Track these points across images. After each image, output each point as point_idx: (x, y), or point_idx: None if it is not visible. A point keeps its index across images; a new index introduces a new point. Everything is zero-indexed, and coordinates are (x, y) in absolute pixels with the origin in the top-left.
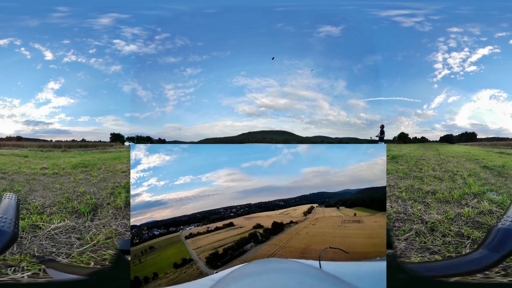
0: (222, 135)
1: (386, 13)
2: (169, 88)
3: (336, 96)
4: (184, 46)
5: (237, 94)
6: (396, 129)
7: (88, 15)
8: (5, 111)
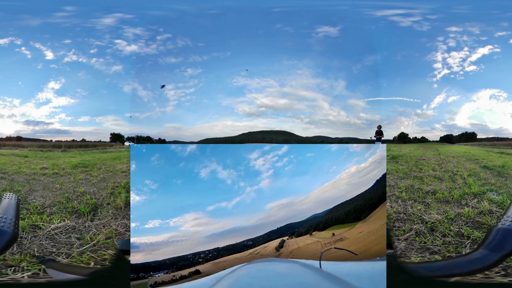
0: (222, 135)
1: (382, 13)
2: (169, 88)
3: (336, 96)
4: (185, 46)
5: (237, 94)
6: (396, 129)
7: (93, 15)
8: (5, 111)
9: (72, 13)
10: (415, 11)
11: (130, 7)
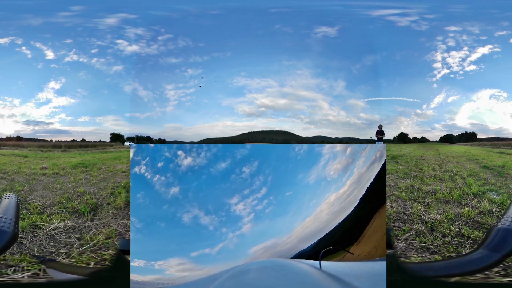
0: (222, 135)
1: (378, 13)
2: (170, 88)
3: (336, 96)
4: (186, 47)
5: (237, 94)
6: (396, 129)
7: (97, 14)
8: (5, 111)
9: (76, 13)
10: (411, 11)
11: (135, 7)
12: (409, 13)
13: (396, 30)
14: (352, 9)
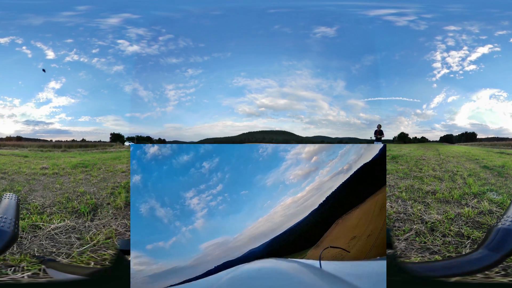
0: (222, 135)
1: (374, 13)
2: (170, 88)
3: (336, 97)
4: (186, 47)
5: (237, 94)
6: (396, 129)
7: (100, 14)
8: (5, 110)
9: (79, 13)
10: (407, 10)
11: (139, 7)
12: (406, 13)
13: (394, 30)
14: (347, 9)
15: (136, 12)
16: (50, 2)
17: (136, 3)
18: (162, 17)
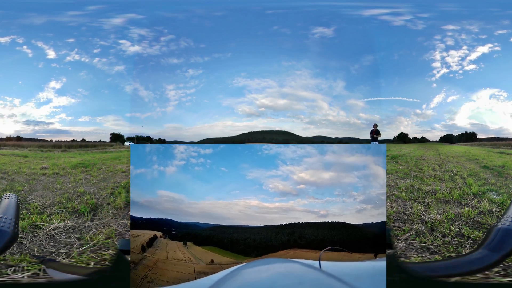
0: (222, 135)
1: (369, 13)
2: (170, 88)
3: (335, 97)
4: (187, 47)
5: (237, 94)
6: (396, 129)
7: (105, 14)
8: (5, 110)
9: (85, 12)
10: (400, 10)
11: (146, 7)
12: (401, 13)
13: (392, 30)
14: (340, 9)
15: (142, 12)
16: (60, 1)
17: (144, 3)
18: (166, 17)
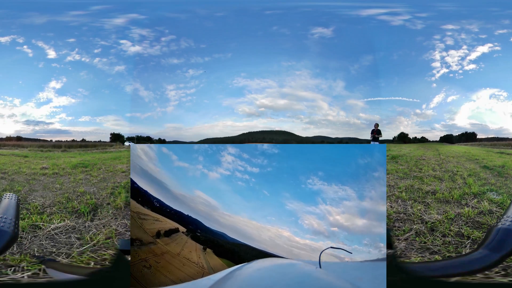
0: (222, 135)
1: (366, 13)
2: (170, 88)
3: (335, 97)
4: (188, 48)
5: (237, 94)
6: (396, 129)
7: (107, 14)
8: (5, 110)
9: (87, 12)
10: (398, 10)
11: (149, 7)
12: (399, 12)
13: (391, 30)
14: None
15: (145, 12)
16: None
17: (148, 3)
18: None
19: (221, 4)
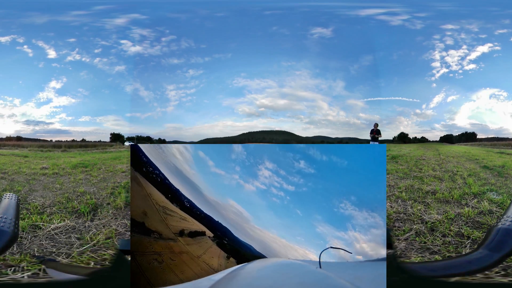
0: (222, 135)
1: (365, 13)
2: (171, 88)
3: (335, 97)
4: (188, 48)
5: (237, 95)
6: (396, 129)
7: (109, 14)
8: (5, 110)
9: (88, 12)
10: (396, 10)
11: (151, 8)
12: (397, 12)
13: (390, 30)
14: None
15: (146, 12)
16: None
17: (150, 3)
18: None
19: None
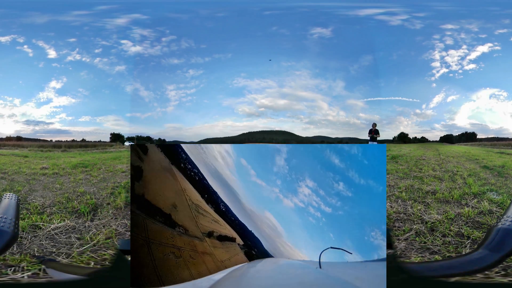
0: (222, 135)
1: (364, 13)
2: (171, 88)
3: (335, 97)
4: (188, 48)
5: (237, 95)
6: (396, 129)
7: (110, 14)
8: (5, 110)
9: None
10: (394, 10)
11: (152, 8)
12: (396, 12)
13: (390, 30)
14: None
15: (147, 12)
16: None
17: (151, 4)
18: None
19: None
